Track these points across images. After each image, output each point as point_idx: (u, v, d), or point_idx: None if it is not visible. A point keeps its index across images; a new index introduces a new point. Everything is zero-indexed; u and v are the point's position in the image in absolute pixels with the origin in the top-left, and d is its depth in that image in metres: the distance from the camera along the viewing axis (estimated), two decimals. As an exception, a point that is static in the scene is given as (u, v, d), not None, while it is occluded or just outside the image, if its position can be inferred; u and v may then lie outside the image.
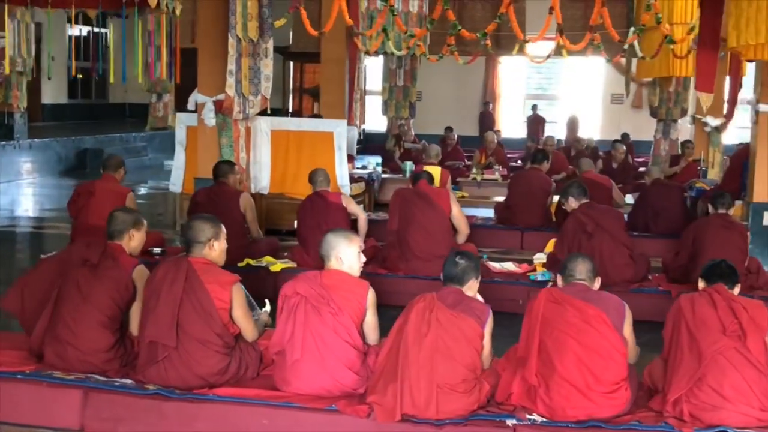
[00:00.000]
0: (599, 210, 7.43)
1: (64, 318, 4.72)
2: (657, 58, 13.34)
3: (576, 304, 4.37)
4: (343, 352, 4.45)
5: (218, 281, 4.62)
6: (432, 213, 7.50)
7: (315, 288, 4.51)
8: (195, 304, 4.53)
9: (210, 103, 9.68)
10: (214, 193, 7.88)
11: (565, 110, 23.35)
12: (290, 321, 4.50)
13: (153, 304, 4.57)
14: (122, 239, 5.01)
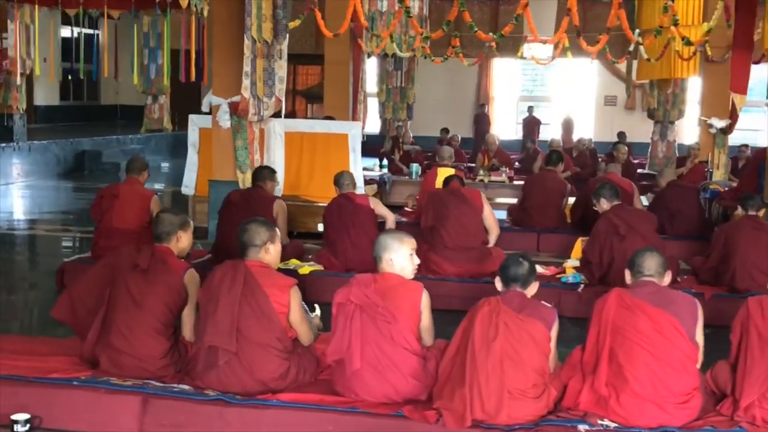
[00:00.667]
0: (631, 212, 7.43)
1: (117, 325, 4.64)
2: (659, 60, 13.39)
3: (648, 311, 4.26)
4: (402, 360, 4.39)
5: (276, 285, 4.56)
6: (466, 208, 7.63)
7: (369, 296, 4.43)
8: (254, 308, 4.47)
9: (225, 105, 9.61)
10: (249, 195, 7.82)
11: (558, 112, 23.43)
12: (347, 330, 4.43)
13: (212, 308, 4.50)
14: (170, 241, 4.93)
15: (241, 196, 7.84)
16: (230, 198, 7.87)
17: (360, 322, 4.40)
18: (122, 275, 4.75)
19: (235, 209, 7.65)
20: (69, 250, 10.21)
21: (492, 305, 4.30)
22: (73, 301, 4.98)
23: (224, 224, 7.68)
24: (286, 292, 4.56)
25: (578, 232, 9.87)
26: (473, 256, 7.46)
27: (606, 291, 6.89)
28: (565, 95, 24.12)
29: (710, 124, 13.31)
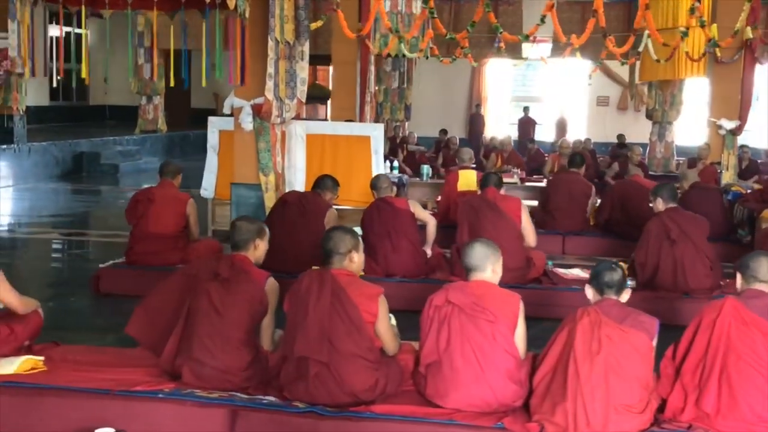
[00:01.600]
0: (685, 216, 7.33)
1: (200, 337, 4.51)
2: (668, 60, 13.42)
3: (764, 329, 4.09)
4: (503, 361, 4.31)
5: (365, 294, 4.47)
6: (503, 225, 7.32)
7: (468, 297, 4.36)
8: (344, 318, 4.37)
9: (248, 107, 9.46)
10: (307, 198, 7.68)
11: (551, 112, 23.47)
12: (444, 331, 4.34)
13: (300, 318, 4.39)
14: (247, 249, 4.81)
15: (298, 198, 7.70)
16: (285, 198, 7.72)
17: (459, 322, 4.32)
18: (202, 285, 4.62)
19: (288, 210, 7.53)
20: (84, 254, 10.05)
21: (592, 317, 4.20)
22: (149, 315, 4.85)
23: (275, 224, 7.49)
24: (375, 302, 4.46)
25: (603, 234, 9.87)
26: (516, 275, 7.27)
27: (655, 296, 6.98)
28: (557, 96, 24.16)
29: (720, 125, 13.37)
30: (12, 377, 4.52)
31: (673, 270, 7.14)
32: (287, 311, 4.55)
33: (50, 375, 4.58)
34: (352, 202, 10.19)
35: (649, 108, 18.60)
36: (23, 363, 4.64)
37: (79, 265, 9.30)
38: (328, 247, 4.58)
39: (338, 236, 4.60)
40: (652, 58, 13.63)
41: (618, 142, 17.65)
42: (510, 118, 24.02)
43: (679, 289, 7.09)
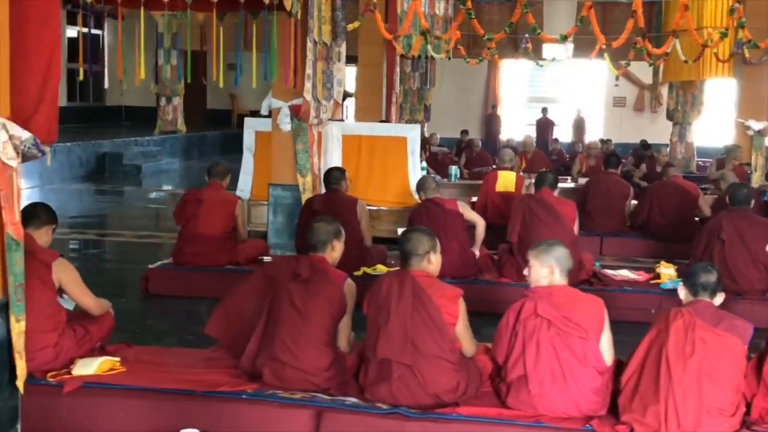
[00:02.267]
0: (746, 218, 7.26)
1: (281, 337, 4.50)
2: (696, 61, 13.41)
3: None
4: (591, 379, 4.26)
5: (446, 295, 4.46)
6: (558, 228, 7.31)
7: (558, 310, 4.31)
8: (426, 319, 4.36)
9: (286, 108, 9.46)
10: (330, 200, 7.67)
11: (567, 113, 23.44)
12: (532, 345, 4.28)
13: (382, 320, 4.38)
14: (325, 250, 4.79)
15: (323, 202, 7.68)
16: (312, 205, 7.70)
17: (549, 338, 4.26)
18: (283, 286, 4.61)
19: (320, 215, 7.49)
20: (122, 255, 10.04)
21: (686, 319, 4.16)
22: (228, 316, 4.85)
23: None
24: (455, 303, 4.46)
25: (641, 236, 9.86)
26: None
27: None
28: (573, 96, 24.15)
29: (748, 126, 13.34)
30: (93, 378, 4.51)
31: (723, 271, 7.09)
32: (367, 313, 4.54)
33: (130, 376, 4.57)
34: (388, 203, 10.19)
35: (670, 109, 18.56)
36: (102, 364, 4.63)
37: (120, 266, 9.29)
38: (406, 249, 4.57)
39: (416, 237, 4.59)
40: (680, 58, 13.59)
41: (642, 143, 17.63)
42: (526, 118, 24.02)
43: (731, 290, 7.06)
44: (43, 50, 4.33)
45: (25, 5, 4.27)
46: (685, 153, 18.47)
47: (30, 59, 4.30)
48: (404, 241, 4.59)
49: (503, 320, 4.45)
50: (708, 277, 4.32)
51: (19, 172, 4.35)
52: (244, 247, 7.78)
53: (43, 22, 4.32)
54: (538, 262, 4.44)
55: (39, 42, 4.32)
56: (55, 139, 4.39)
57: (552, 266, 4.44)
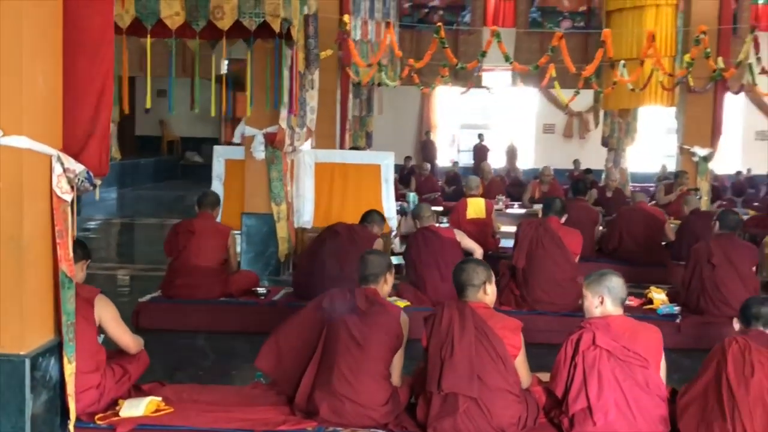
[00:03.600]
0: (734, 243, 7.45)
1: (340, 369, 4.42)
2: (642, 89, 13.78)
3: None
4: (655, 407, 4.29)
5: (507, 327, 4.44)
6: (561, 259, 7.38)
7: (615, 339, 4.34)
8: (490, 351, 4.33)
9: (260, 136, 9.37)
10: (354, 230, 7.50)
11: (499, 140, 23.77)
12: (593, 377, 4.27)
13: (446, 354, 4.31)
14: (378, 283, 4.73)
15: (347, 229, 7.54)
16: (336, 228, 7.55)
17: (611, 368, 4.27)
18: (341, 318, 4.53)
19: (340, 240, 7.36)
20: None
21: (741, 343, 4.25)
22: (279, 349, 4.73)
23: (325, 254, 7.38)
24: (518, 334, 4.44)
25: (612, 261, 10.03)
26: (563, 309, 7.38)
27: (702, 321, 7.12)
28: (505, 123, 24.52)
29: (693, 152, 13.75)
30: (144, 419, 4.35)
31: (716, 295, 7.28)
32: (427, 347, 4.48)
33: (181, 416, 4.41)
34: (361, 231, 10.12)
35: (605, 135, 18.98)
36: (149, 404, 4.46)
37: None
38: (462, 280, 4.54)
39: (471, 268, 4.56)
40: (627, 87, 13.95)
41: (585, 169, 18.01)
42: (460, 144, 24.28)
43: (726, 313, 7.23)
44: (95, 80, 4.19)
45: (78, 33, 4.12)
46: (620, 178, 18.87)
47: (81, 89, 4.15)
48: (459, 272, 4.56)
49: (561, 352, 4.45)
50: (759, 308, 4.45)
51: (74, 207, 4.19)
52: (236, 278, 7.63)
53: (95, 51, 4.18)
54: (590, 293, 4.49)
55: (91, 72, 4.17)
56: (107, 171, 4.25)
57: (602, 296, 4.48)
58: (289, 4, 6.53)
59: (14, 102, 3.81)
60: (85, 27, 4.13)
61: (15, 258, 3.84)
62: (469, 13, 19.20)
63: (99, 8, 4.18)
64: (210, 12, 6.38)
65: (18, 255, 3.84)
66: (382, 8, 15.51)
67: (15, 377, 3.84)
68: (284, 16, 6.41)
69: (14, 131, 3.80)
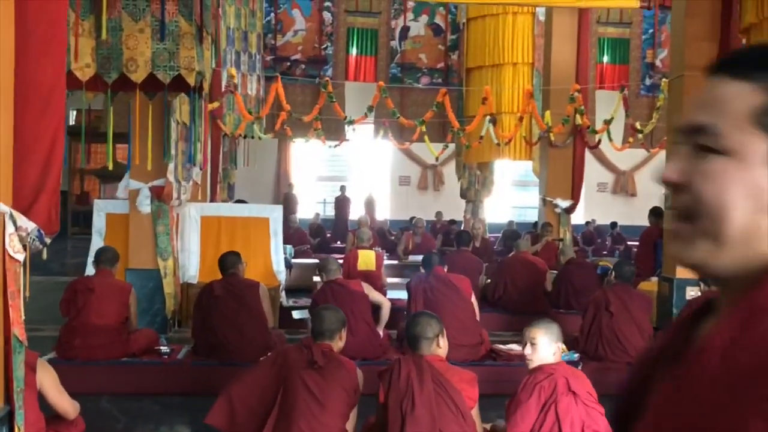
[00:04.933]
0: (629, 292, 7.81)
1: (300, 428, 4.36)
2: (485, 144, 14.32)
3: None
4: None
5: (464, 379, 4.51)
6: (460, 302, 7.57)
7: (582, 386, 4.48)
8: (450, 405, 4.37)
9: (146, 189, 9.16)
10: (231, 284, 7.40)
11: (356, 192, 24.01)
12: (567, 422, 4.39)
13: (407, 407, 4.34)
14: (333, 339, 4.71)
15: (224, 288, 7.41)
16: (213, 291, 7.40)
17: (578, 414, 4.40)
18: (297, 374, 4.47)
19: (223, 303, 7.26)
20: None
21: None
22: (233, 405, 4.60)
23: (212, 318, 7.25)
24: (474, 386, 4.52)
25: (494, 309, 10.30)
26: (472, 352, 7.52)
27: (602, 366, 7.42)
28: (361, 175, 24.82)
29: (555, 204, 14.34)
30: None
31: (614, 341, 7.61)
32: (384, 401, 4.48)
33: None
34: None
35: (463, 188, 19.54)
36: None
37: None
38: (415, 332, 4.58)
39: (426, 321, 4.62)
40: (493, 141, 14.44)
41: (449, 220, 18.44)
42: (318, 196, 24.37)
43: (622, 360, 7.56)
44: (45, 135, 4.04)
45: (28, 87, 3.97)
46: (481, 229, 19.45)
47: (31, 145, 3.98)
48: (413, 326, 4.61)
49: (531, 398, 4.50)
50: None
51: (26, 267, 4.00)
52: (137, 337, 7.38)
53: (45, 106, 4.03)
54: (548, 339, 4.60)
55: (40, 126, 4.02)
56: (57, 229, 4.08)
57: (559, 344, 4.61)
58: (202, 58, 6.44)
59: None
60: (35, 81, 3.98)
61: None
62: (331, 68, 19.40)
63: (50, 61, 4.04)
64: (123, 64, 6.22)
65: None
66: (248, 61, 15.54)
67: (-29, 450, 3.60)
68: (198, 70, 6.31)
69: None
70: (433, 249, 13.88)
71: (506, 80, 16.15)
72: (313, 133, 13.61)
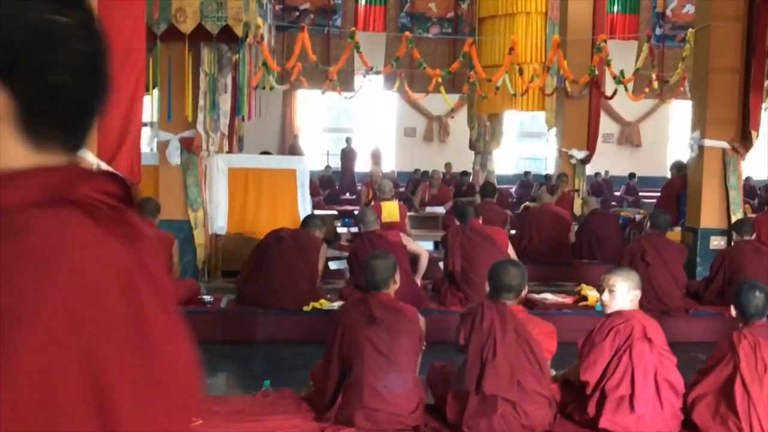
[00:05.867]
0: (664, 242, 7.88)
1: (371, 385, 4.41)
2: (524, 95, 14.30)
3: None
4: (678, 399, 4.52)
5: (544, 331, 4.52)
6: (497, 254, 7.58)
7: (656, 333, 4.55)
8: (529, 356, 4.40)
9: (176, 141, 9.15)
10: (297, 233, 7.44)
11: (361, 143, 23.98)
12: (640, 367, 4.45)
13: (488, 355, 4.35)
14: (388, 287, 4.74)
15: (292, 234, 7.43)
16: (281, 233, 7.44)
17: (652, 360, 4.46)
18: (360, 332, 4.51)
19: (285, 245, 7.29)
20: None
21: (749, 340, 4.52)
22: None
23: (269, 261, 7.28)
24: (553, 339, 4.54)
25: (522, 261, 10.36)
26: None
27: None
28: (367, 127, 24.76)
29: (571, 155, 14.38)
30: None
31: (649, 291, 7.68)
32: (465, 346, 4.48)
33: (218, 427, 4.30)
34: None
35: (473, 140, 19.50)
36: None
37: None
38: (504, 282, 4.56)
39: (514, 273, 4.58)
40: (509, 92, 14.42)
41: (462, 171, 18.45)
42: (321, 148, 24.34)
43: (657, 309, 7.65)
44: (126, 85, 4.04)
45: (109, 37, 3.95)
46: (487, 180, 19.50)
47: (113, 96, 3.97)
48: (499, 274, 4.58)
49: (606, 341, 4.56)
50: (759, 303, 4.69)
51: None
52: (179, 286, 7.42)
53: (126, 57, 4.03)
54: (626, 286, 4.66)
55: (122, 77, 4.02)
56: (139, 180, 4.10)
57: (637, 292, 4.68)
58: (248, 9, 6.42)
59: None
60: (116, 31, 3.97)
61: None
62: (340, 17, 19.28)
63: (130, 12, 4.03)
64: (172, 15, 6.20)
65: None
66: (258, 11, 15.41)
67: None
68: (245, 20, 6.29)
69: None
70: (449, 201, 13.95)
71: (519, 30, 16.07)
72: (329, 84, 13.54)
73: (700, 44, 10.02)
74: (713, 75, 9.62)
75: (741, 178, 9.78)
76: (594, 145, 14.34)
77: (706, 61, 9.72)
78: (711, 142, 9.65)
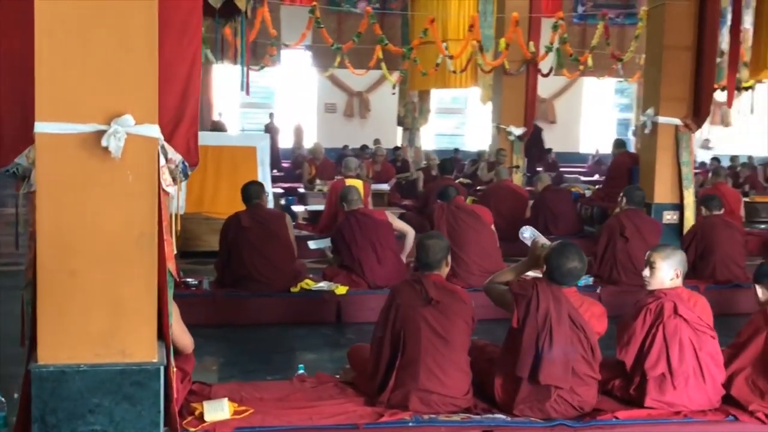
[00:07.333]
0: (642, 217, 8.02)
1: (427, 366, 4.34)
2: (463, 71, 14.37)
3: None
4: (720, 374, 4.59)
5: (595, 314, 4.47)
6: (483, 231, 7.63)
7: (692, 310, 4.59)
8: (583, 342, 4.37)
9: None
10: (257, 215, 7.25)
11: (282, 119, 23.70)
12: (675, 344, 4.49)
13: (544, 343, 4.28)
14: (440, 268, 4.68)
15: (252, 218, 7.26)
16: (241, 222, 7.24)
17: (687, 337, 4.50)
18: (417, 312, 4.44)
19: (253, 235, 7.15)
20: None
21: None
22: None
23: (240, 250, 7.13)
24: (603, 322, 4.50)
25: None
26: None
27: (619, 290, 7.61)
28: (287, 103, 24.48)
29: (509, 132, 14.47)
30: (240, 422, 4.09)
31: (628, 265, 7.83)
32: (516, 329, 4.40)
33: (269, 416, 4.18)
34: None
35: (401, 116, 19.53)
36: (229, 406, 4.19)
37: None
38: (570, 268, 4.44)
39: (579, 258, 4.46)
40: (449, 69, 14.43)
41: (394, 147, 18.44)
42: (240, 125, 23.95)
43: (635, 283, 7.78)
44: (183, 61, 3.87)
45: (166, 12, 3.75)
46: (415, 156, 19.53)
47: (170, 73, 3.80)
48: (567, 259, 4.44)
49: (638, 320, 4.59)
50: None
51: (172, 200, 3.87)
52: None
53: (182, 32, 3.85)
54: (665, 265, 4.69)
55: (178, 54, 3.84)
56: (197, 161, 3.94)
57: (678, 269, 4.72)
58: (243, -19, 6.17)
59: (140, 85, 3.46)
60: (172, 5, 3.78)
61: (148, 256, 3.49)
62: (267, -9, 18.90)
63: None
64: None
65: (150, 253, 3.50)
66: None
67: (149, 389, 3.49)
68: (244, -7, 6.06)
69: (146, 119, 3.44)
70: (392, 177, 13.89)
71: (452, 5, 16.10)
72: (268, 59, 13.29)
73: (653, 22, 10.21)
74: (667, 52, 9.83)
75: (693, 154, 10.05)
76: (531, 122, 14.48)
77: (659, 38, 9.92)
78: (664, 119, 9.88)
